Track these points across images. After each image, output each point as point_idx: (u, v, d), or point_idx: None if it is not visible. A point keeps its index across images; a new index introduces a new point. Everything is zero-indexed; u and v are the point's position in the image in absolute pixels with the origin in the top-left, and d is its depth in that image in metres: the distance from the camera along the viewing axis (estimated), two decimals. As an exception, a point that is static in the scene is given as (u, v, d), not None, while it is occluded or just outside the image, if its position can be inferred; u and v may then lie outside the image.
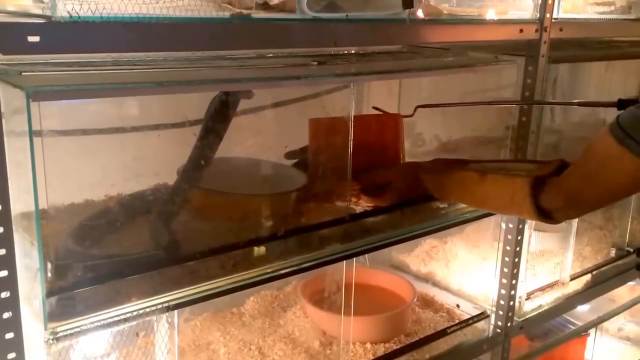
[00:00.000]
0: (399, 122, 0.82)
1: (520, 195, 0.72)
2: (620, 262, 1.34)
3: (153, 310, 0.63)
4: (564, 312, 1.27)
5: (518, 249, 1.05)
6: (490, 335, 1.08)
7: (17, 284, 0.55)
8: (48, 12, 0.53)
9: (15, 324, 0.56)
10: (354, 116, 0.74)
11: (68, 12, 0.53)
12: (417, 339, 0.98)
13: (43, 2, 0.55)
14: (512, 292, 1.07)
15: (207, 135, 0.74)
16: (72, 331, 0.58)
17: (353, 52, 0.97)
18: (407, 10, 0.76)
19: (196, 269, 0.68)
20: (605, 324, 1.49)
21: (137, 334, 0.75)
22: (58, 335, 0.57)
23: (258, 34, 0.66)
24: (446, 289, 1.17)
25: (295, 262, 0.75)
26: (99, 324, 0.60)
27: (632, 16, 1.11)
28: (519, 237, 1.04)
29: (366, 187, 0.80)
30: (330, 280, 0.92)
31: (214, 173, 0.82)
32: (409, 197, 0.81)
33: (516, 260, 1.05)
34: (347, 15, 0.72)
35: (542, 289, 1.18)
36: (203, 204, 0.80)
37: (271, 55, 0.87)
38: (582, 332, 1.40)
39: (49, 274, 0.59)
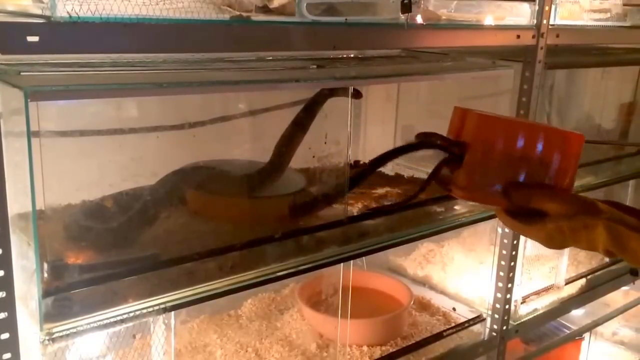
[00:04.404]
0: (580, 144, 0.64)
1: None
2: (614, 266, 1.35)
3: (150, 312, 0.63)
4: (558, 316, 1.28)
5: (514, 253, 1.05)
6: (486, 339, 1.08)
7: (13, 284, 0.55)
8: (48, 12, 0.53)
9: (11, 324, 0.55)
10: (530, 123, 0.64)
11: (68, 12, 0.53)
12: (413, 342, 0.98)
13: (43, 2, 0.55)
14: (508, 296, 1.07)
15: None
16: (68, 332, 0.58)
17: (352, 56, 0.98)
18: (406, 15, 0.77)
19: (194, 270, 0.68)
20: (600, 328, 1.50)
21: (134, 336, 0.75)
22: (54, 336, 0.57)
23: (257, 37, 0.66)
24: (443, 292, 1.17)
25: (292, 264, 0.75)
26: (95, 325, 0.60)
27: (628, 23, 1.12)
28: (515, 242, 1.05)
29: (515, 205, 0.61)
30: (328, 283, 0.92)
31: (212, 175, 0.82)
32: (567, 239, 0.58)
33: (512, 264, 1.06)
34: (346, 20, 0.72)
35: (537, 293, 1.19)
36: (202, 206, 0.80)
37: (270, 58, 0.88)
38: (576, 336, 1.41)
39: (45, 275, 0.58)
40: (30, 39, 0.51)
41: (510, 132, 0.62)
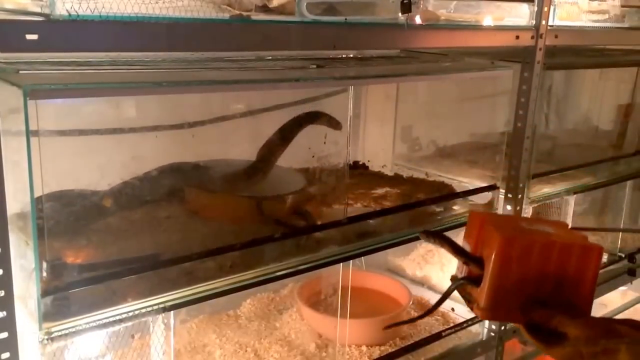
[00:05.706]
0: (600, 255, 0.62)
1: None
2: (612, 267, 1.35)
3: (149, 311, 0.63)
4: (557, 316, 1.28)
5: (513, 253, 1.05)
6: (484, 339, 1.09)
7: (12, 283, 0.55)
8: (47, 11, 0.53)
9: (9, 323, 0.55)
10: (547, 242, 0.61)
11: (67, 10, 0.53)
12: (412, 342, 0.98)
13: (42, 1, 0.54)
14: (507, 296, 1.07)
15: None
16: (67, 331, 0.58)
17: (352, 56, 0.98)
18: (405, 15, 0.77)
19: (193, 270, 0.68)
20: (598, 329, 1.50)
21: (133, 336, 0.74)
22: (53, 335, 0.57)
23: (257, 36, 0.66)
24: (441, 292, 1.16)
25: (292, 264, 0.75)
26: (94, 324, 0.59)
27: (626, 25, 1.13)
28: (514, 242, 1.05)
29: (534, 322, 0.61)
30: (327, 283, 0.92)
31: (212, 174, 0.82)
32: None
33: (511, 264, 1.06)
34: (346, 19, 0.73)
35: (535, 293, 1.19)
36: (201, 205, 0.80)
37: (270, 57, 0.88)
38: (574, 337, 1.41)
39: (44, 274, 0.58)
40: (29, 37, 0.51)
41: (528, 253, 0.61)
